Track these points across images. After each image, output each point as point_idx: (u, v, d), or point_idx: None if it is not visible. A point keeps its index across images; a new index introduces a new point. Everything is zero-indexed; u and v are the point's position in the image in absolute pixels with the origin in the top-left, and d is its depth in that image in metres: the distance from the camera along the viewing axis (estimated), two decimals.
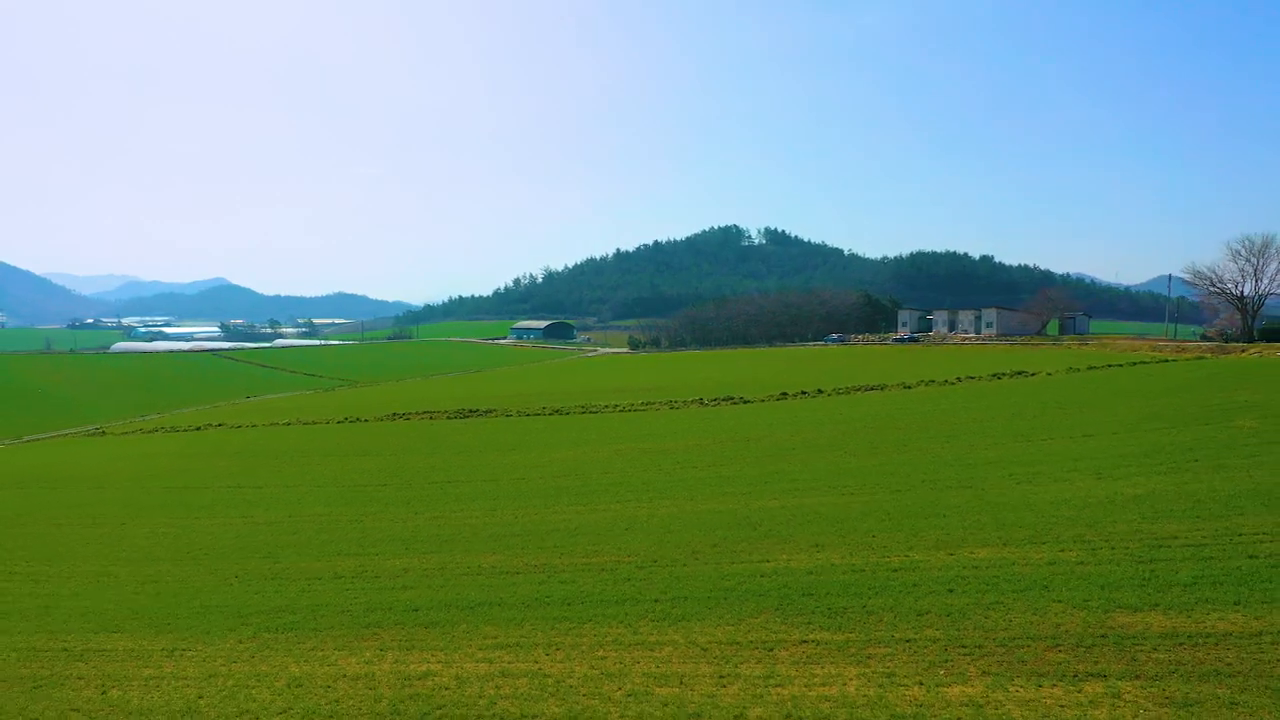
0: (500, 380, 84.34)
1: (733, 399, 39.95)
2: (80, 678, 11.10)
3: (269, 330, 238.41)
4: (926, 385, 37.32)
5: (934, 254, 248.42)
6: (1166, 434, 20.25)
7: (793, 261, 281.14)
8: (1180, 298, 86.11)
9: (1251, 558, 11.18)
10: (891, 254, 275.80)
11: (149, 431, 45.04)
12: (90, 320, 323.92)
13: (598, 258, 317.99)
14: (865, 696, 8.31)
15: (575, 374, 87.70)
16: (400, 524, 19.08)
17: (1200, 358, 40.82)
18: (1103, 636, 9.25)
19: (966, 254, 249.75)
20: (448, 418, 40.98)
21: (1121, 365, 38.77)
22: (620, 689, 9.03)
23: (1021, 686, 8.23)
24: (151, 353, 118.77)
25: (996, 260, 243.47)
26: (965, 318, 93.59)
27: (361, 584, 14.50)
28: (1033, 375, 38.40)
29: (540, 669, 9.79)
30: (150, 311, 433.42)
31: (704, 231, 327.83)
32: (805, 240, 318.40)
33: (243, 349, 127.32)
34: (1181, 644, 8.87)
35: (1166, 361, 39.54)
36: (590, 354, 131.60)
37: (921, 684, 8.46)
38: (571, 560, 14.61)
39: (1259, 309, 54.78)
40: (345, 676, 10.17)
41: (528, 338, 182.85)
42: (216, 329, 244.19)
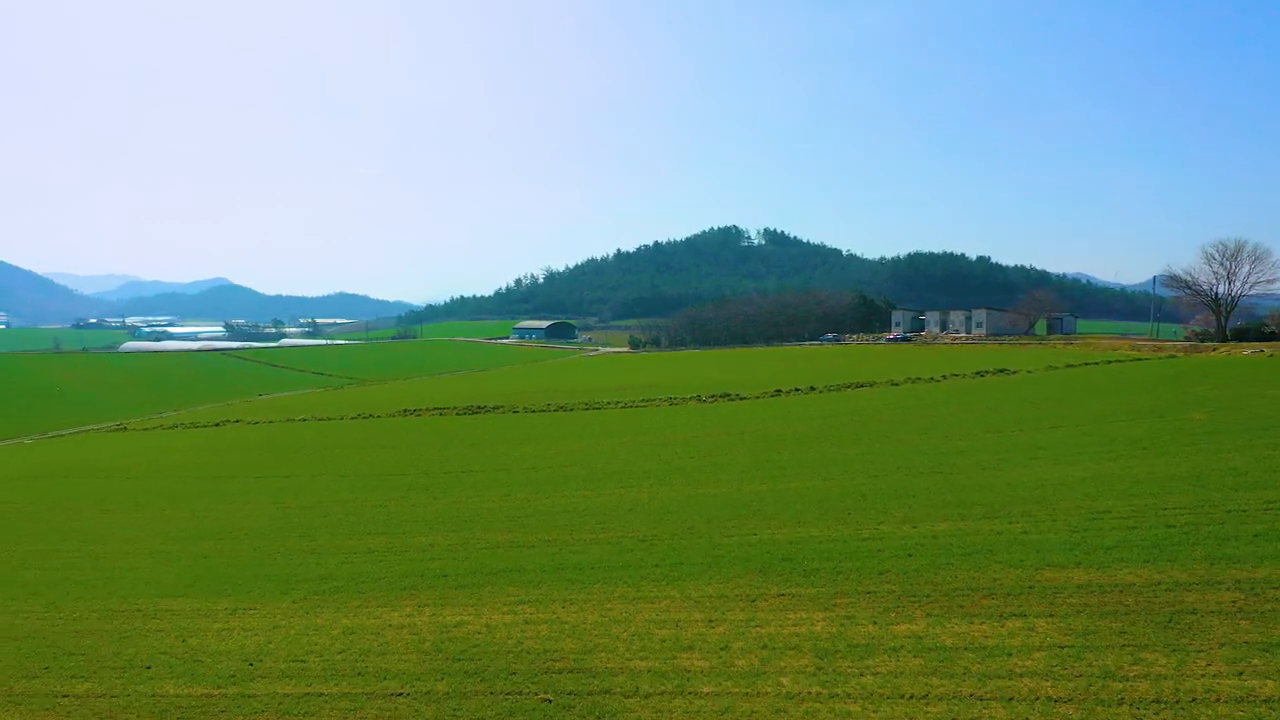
0: (505, 379, 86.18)
1: (729, 396, 41.72)
2: (159, 630, 12.86)
3: (273, 330, 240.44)
4: (913, 383, 39.11)
5: (931, 254, 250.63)
6: (1123, 426, 22.05)
7: (792, 262, 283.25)
8: (1163, 298, 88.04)
9: (1169, 527, 12.95)
10: (889, 254, 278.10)
11: (169, 427, 46.84)
12: (93, 320, 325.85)
13: (598, 258, 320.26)
14: (829, 632, 10.06)
15: (578, 372, 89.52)
16: (422, 508, 20.85)
17: (1172, 356, 42.70)
18: (1030, 588, 11.01)
19: (963, 254, 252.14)
20: (457, 414, 42.76)
21: (1098, 364, 40.64)
22: (626, 630, 10.79)
23: (956, 624, 9.97)
24: (161, 352, 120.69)
25: (993, 261, 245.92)
26: (956, 318, 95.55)
27: (393, 557, 16.27)
28: (1014, 373, 40.19)
29: (557, 618, 11.55)
30: (152, 311, 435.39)
31: (704, 232, 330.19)
32: (804, 241, 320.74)
33: (250, 348, 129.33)
34: (1093, 592, 10.63)
35: (1140, 360, 41.39)
36: (592, 353, 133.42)
37: (875, 623, 10.21)
38: (580, 536, 16.37)
39: (1232, 310, 56.74)
40: (390, 626, 11.94)
41: (530, 337, 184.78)
42: (221, 329, 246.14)
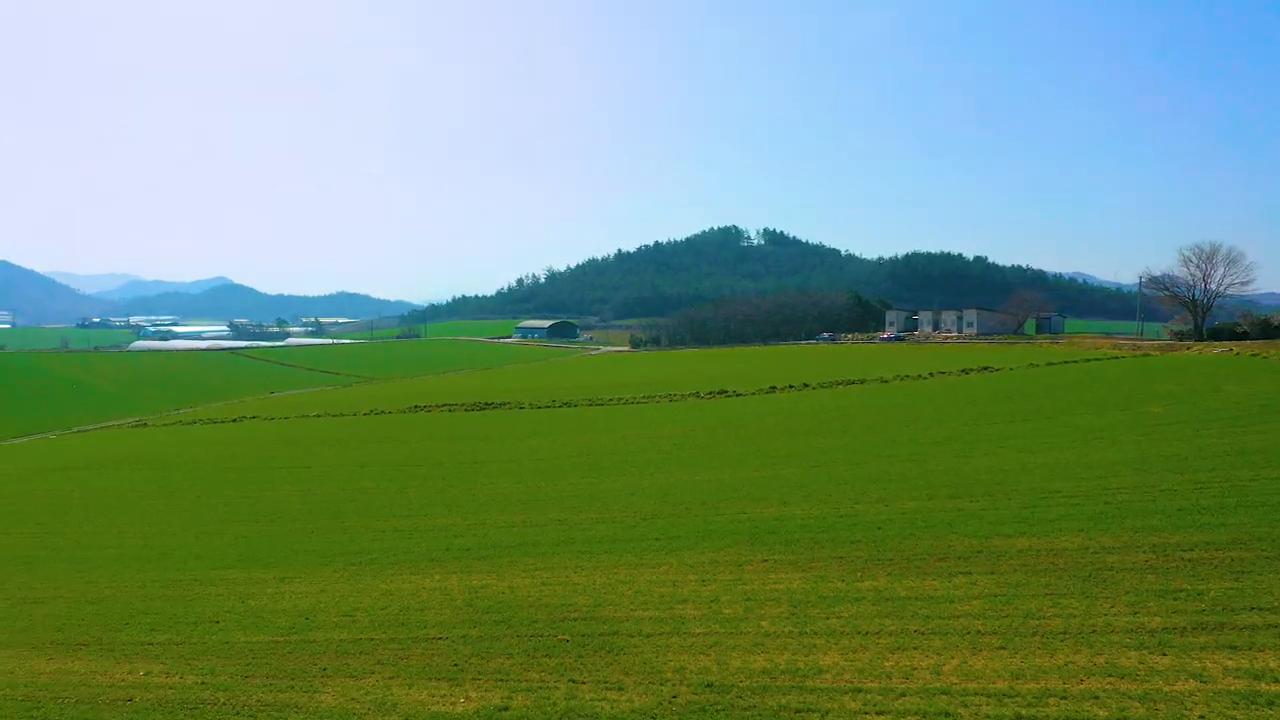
0: (510, 376, 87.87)
1: (726, 392, 43.45)
2: (218, 594, 14.60)
3: (277, 330, 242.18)
4: (901, 380, 40.83)
5: (929, 255, 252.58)
6: (1086, 418, 23.80)
7: (791, 262, 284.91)
8: (1150, 297, 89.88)
9: (1106, 504, 14.67)
10: (888, 254, 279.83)
11: (188, 423, 48.58)
12: (96, 320, 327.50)
13: (599, 258, 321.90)
14: (804, 588, 11.77)
15: (580, 371, 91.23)
16: (440, 494, 22.60)
17: (1147, 355, 44.45)
18: (979, 552, 12.72)
19: (960, 254, 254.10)
20: (465, 410, 44.50)
21: (1077, 362, 42.42)
22: (630, 589, 12.51)
23: (912, 580, 11.68)
24: (170, 351, 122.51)
25: (990, 261, 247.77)
26: (948, 318, 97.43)
27: (419, 535, 18.00)
28: (997, 370, 41.95)
29: (570, 580, 13.28)
30: (155, 310, 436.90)
31: (703, 232, 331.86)
32: (803, 241, 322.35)
33: (257, 347, 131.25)
34: (1031, 555, 12.34)
35: (1116, 359, 43.15)
36: (593, 352, 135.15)
37: (844, 580, 11.93)
38: (587, 516, 18.11)
39: (1208, 310, 58.79)
40: (424, 589, 13.67)
41: (533, 336, 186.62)
42: (225, 328, 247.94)
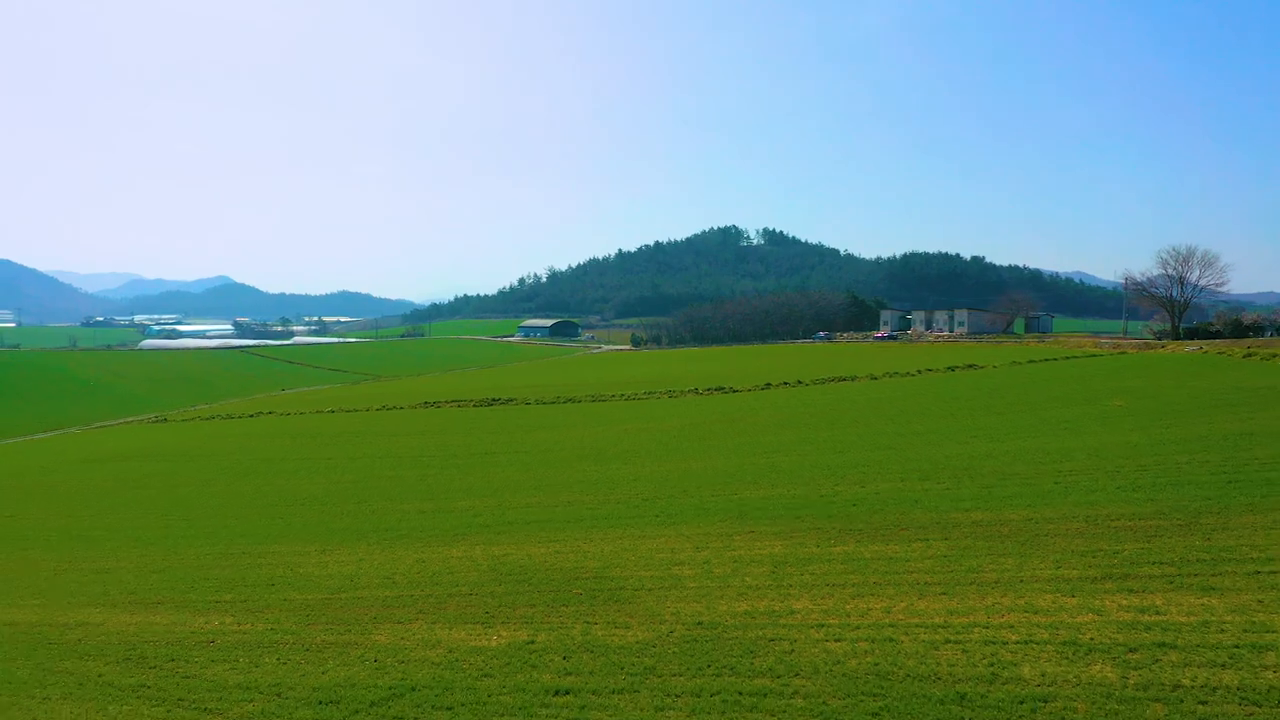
0: (515, 374, 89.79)
1: (723, 389, 45.30)
2: (268, 564, 16.44)
3: (281, 329, 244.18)
4: (891, 377, 42.68)
5: (926, 255, 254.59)
6: (1054, 411, 25.69)
7: (790, 261, 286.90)
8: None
9: (1056, 483, 16.55)
10: (886, 254, 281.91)
11: (206, 418, 50.45)
12: (99, 318, 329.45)
13: (600, 258, 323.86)
14: (784, 553, 13.60)
15: (583, 368, 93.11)
16: (457, 481, 24.44)
17: (1123, 353, 46.36)
18: (937, 523, 14.57)
19: (958, 255, 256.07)
20: (474, 406, 46.36)
21: (1057, 359, 44.32)
22: (633, 556, 14.34)
23: (877, 546, 13.50)
24: (181, 349, 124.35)
25: (987, 260, 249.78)
26: (940, 317, 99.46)
27: (440, 516, 19.85)
28: (981, 368, 43.85)
29: (581, 549, 15.10)
30: (157, 309, 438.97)
31: (703, 232, 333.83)
32: (803, 241, 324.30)
33: (266, 346, 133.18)
34: (982, 525, 14.17)
35: (1094, 356, 45.05)
36: (595, 351, 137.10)
37: (819, 546, 13.78)
38: (593, 498, 19.95)
39: (1185, 309, 61.03)
40: (453, 557, 15.51)
41: (535, 335, 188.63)
42: (230, 327, 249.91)
